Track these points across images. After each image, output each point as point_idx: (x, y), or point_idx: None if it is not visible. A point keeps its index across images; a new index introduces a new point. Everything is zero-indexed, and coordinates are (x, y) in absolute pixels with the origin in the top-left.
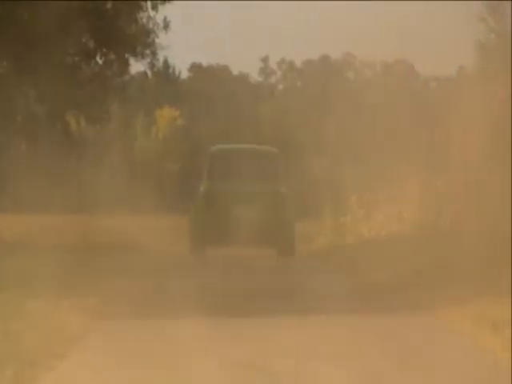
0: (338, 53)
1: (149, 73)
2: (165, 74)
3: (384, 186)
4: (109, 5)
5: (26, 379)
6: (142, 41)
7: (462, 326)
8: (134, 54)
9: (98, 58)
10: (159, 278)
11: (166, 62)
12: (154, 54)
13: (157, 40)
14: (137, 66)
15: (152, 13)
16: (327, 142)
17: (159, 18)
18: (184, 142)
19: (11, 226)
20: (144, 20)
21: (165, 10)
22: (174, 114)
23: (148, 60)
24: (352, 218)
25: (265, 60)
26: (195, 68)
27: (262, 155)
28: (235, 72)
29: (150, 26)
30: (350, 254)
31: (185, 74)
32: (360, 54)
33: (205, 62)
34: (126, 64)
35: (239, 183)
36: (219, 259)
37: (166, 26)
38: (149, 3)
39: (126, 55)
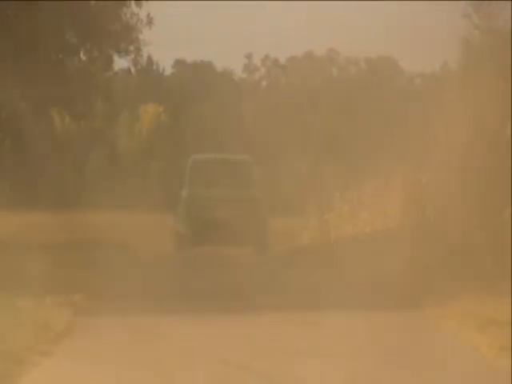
0: (321, 49)
1: (132, 69)
2: (148, 70)
3: (368, 183)
4: (92, 1)
5: (12, 376)
6: (125, 37)
7: (447, 324)
8: (118, 51)
9: (81, 55)
10: (143, 275)
11: (149, 58)
12: (137, 50)
13: (140, 36)
14: (120, 63)
15: (135, 9)
16: (311, 139)
17: (143, 14)
18: (168, 138)
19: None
20: (128, 16)
21: (148, 7)
22: (158, 110)
23: (132, 56)
24: (336, 214)
25: (249, 56)
26: (179, 64)
27: (238, 164)
28: (219, 68)
29: (134, 22)
30: (334, 251)
31: (169, 71)
32: (344, 50)
33: (189, 59)
34: (110, 60)
35: (217, 189)
36: (200, 258)
37: (150, 22)
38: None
39: (110, 52)
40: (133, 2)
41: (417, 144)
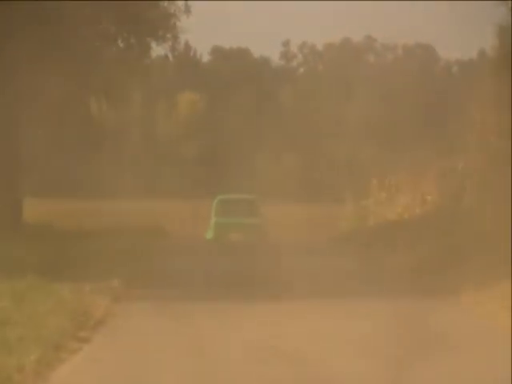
0: (358, 36)
1: (170, 56)
2: (186, 57)
3: (406, 169)
4: None
5: (52, 362)
6: (163, 24)
7: (483, 309)
8: (156, 38)
9: (119, 42)
10: (178, 261)
11: (187, 45)
12: (175, 37)
13: (178, 23)
14: (158, 50)
15: None
16: (348, 126)
17: (180, 1)
18: (205, 125)
19: (35, 211)
20: (165, 4)
21: None
22: (195, 97)
23: (169, 43)
24: (374, 201)
25: (286, 43)
26: (216, 51)
27: (248, 201)
28: (256, 55)
29: (171, 9)
30: (373, 237)
31: (206, 58)
32: (381, 37)
33: (226, 46)
34: (148, 48)
35: (233, 218)
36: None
37: (187, 9)
38: None
39: (148, 39)
40: None
41: (454, 131)
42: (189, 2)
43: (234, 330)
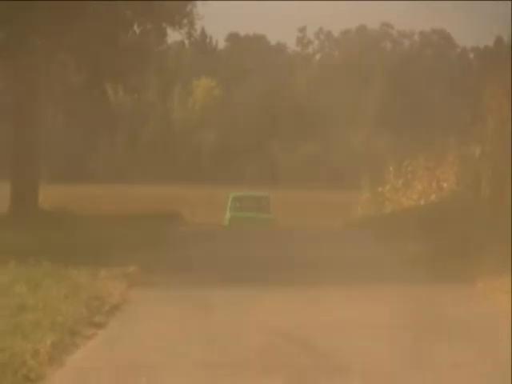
0: (375, 23)
1: (186, 43)
2: (202, 43)
3: (422, 155)
4: None
5: (68, 347)
6: (179, 10)
7: (499, 297)
8: (172, 24)
9: (135, 28)
10: (194, 247)
11: (203, 31)
12: (191, 23)
13: (194, 10)
14: (174, 36)
15: None
16: (364, 113)
17: None
18: (220, 111)
19: (49, 196)
20: None
21: None
22: (211, 84)
23: (185, 30)
24: (390, 187)
25: (302, 30)
26: (232, 38)
27: (260, 197)
28: (272, 42)
29: None
30: (389, 223)
31: (222, 44)
32: (397, 23)
33: (242, 32)
34: (164, 34)
35: (246, 212)
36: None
37: None
38: None
39: (164, 25)
40: None
41: (470, 117)
42: None
43: (252, 316)
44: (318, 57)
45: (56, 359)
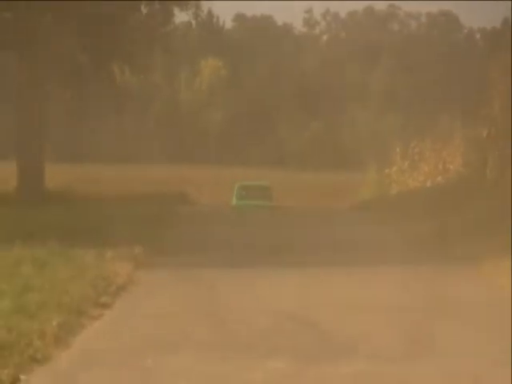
0: (382, 4)
1: (193, 23)
2: (209, 24)
3: (429, 137)
4: None
5: (74, 328)
6: None
7: (505, 279)
8: (179, 4)
9: (142, 9)
10: (201, 228)
11: (210, 12)
12: (198, 4)
13: None
14: (181, 16)
15: None
16: (371, 94)
17: None
18: (227, 92)
19: (55, 176)
20: None
21: None
22: (218, 64)
23: (192, 10)
24: (397, 169)
25: (309, 11)
26: (239, 18)
27: (262, 187)
28: (279, 23)
29: None
30: (395, 204)
31: (229, 25)
32: (404, 5)
33: (249, 13)
34: (171, 14)
35: (250, 201)
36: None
37: None
38: None
39: (171, 5)
40: None
41: (477, 99)
42: None
43: (257, 297)
44: (324, 38)
45: (62, 340)
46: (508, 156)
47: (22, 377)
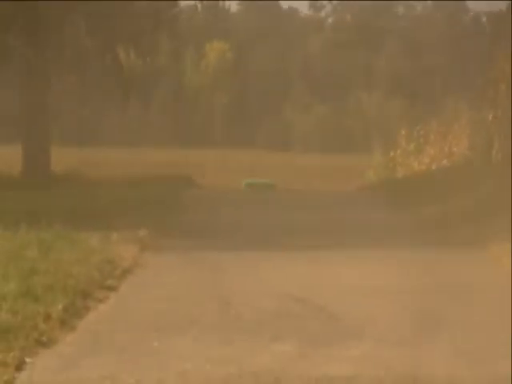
0: None
1: (198, 6)
2: (214, 7)
3: (434, 120)
4: None
5: (79, 310)
6: None
7: (510, 262)
8: None
9: None
10: (207, 211)
11: None
12: None
13: None
14: None
15: None
16: (376, 77)
17: None
18: (233, 75)
19: (61, 159)
20: None
21: None
22: (224, 47)
23: None
24: (402, 152)
25: None
26: (245, 1)
27: (268, 185)
28: (285, 6)
29: None
30: (400, 187)
31: (234, 8)
32: None
33: None
34: None
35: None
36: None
37: None
38: None
39: None
40: None
41: (483, 82)
42: None
43: (264, 280)
44: (330, 20)
45: (68, 323)
46: None
47: (28, 360)
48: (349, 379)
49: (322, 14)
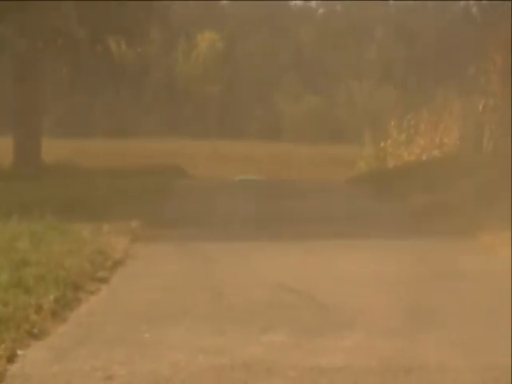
0: None
1: None
2: None
3: (425, 110)
4: None
5: (71, 303)
6: None
7: (503, 251)
8: None
9: None
10: (199, 201)
11: None
12: None
13: None
14: None
15: None
16: (368, 67)
17: None
18: (224, 65)
19: (52, 150)
20: None
21: None
22: (215, 37)
23: None
24: (392, 142)
25: None
26: None
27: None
28: None
29: None
30: (391, 178)
31: None
32: None
33: None
34: None
35: None
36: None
37: None
38: None
39: None
40: None
41: (474, 72)
42: None
43: (257, 270)
44: (321, 11)
45: (59, 314)
46: (505, 128)
47: (19, 352)
48: (341, 369)
49: (313, 3)
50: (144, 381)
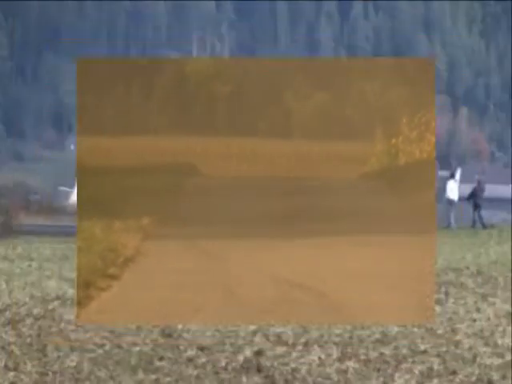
0: None
1: None
2: None
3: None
4: None
5: (83, 300)
6: None
7: None
8: None
9: None
10: (210, 200)
11: None
12: None
13: None
14: None
15: None
16: (379, 64)
17: None
18: (234, 61)
19: None
20: None
21: None
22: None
23: None
24: (404, 139)
25: None
26: None
27: None
28: None
29: None
30: (402, 174)
31: None
32: None
33: None
34: None
35: None
36: None
37: None
38: None
39: None
40: None
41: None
42: None
43: (265, 266)
44: None
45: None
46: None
47: None
48: None
49: None
50: None
